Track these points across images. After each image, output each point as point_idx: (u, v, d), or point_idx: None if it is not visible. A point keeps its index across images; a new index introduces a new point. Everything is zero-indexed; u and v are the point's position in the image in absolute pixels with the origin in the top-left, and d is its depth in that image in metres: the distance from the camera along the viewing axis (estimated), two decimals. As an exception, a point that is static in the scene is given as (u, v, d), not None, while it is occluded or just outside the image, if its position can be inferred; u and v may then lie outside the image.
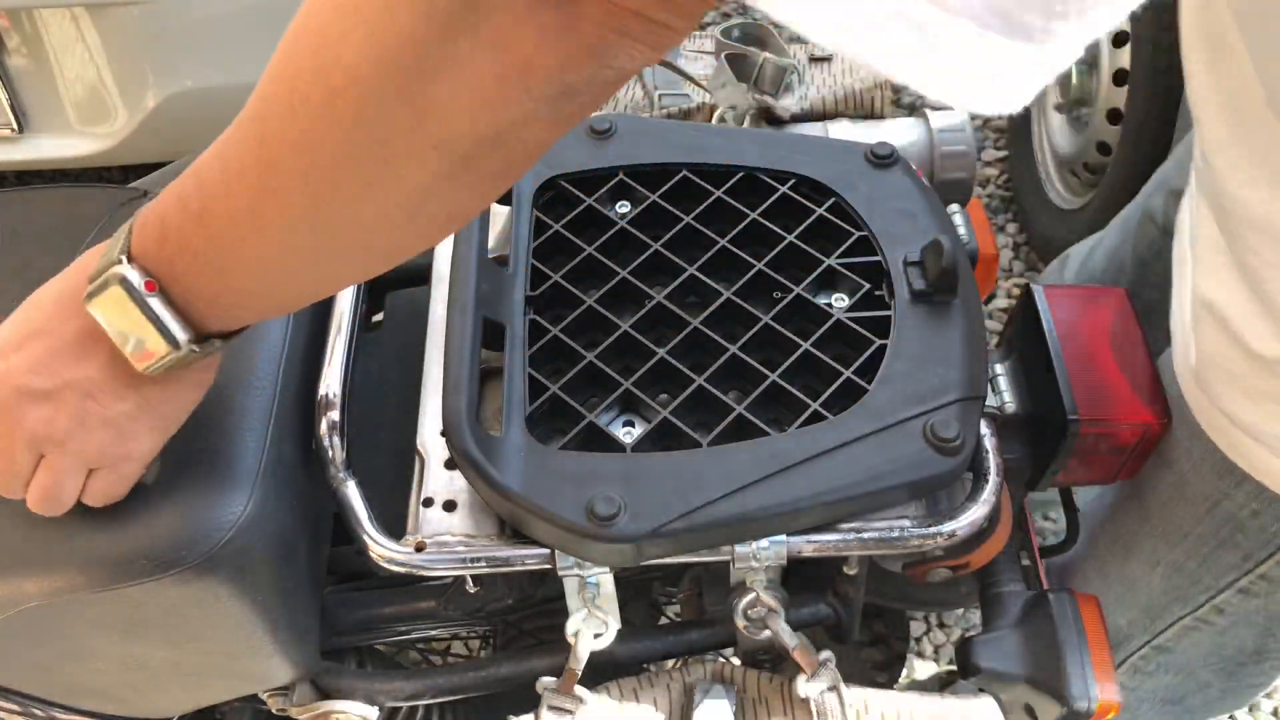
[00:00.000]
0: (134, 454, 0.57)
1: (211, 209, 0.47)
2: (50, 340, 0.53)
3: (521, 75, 0.39)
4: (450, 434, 0.61)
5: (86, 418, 0.54)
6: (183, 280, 0.50)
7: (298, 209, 0.46)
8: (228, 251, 0.49)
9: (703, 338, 0.69)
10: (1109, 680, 0.70)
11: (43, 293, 0.55)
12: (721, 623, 0.77)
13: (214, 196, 0.47)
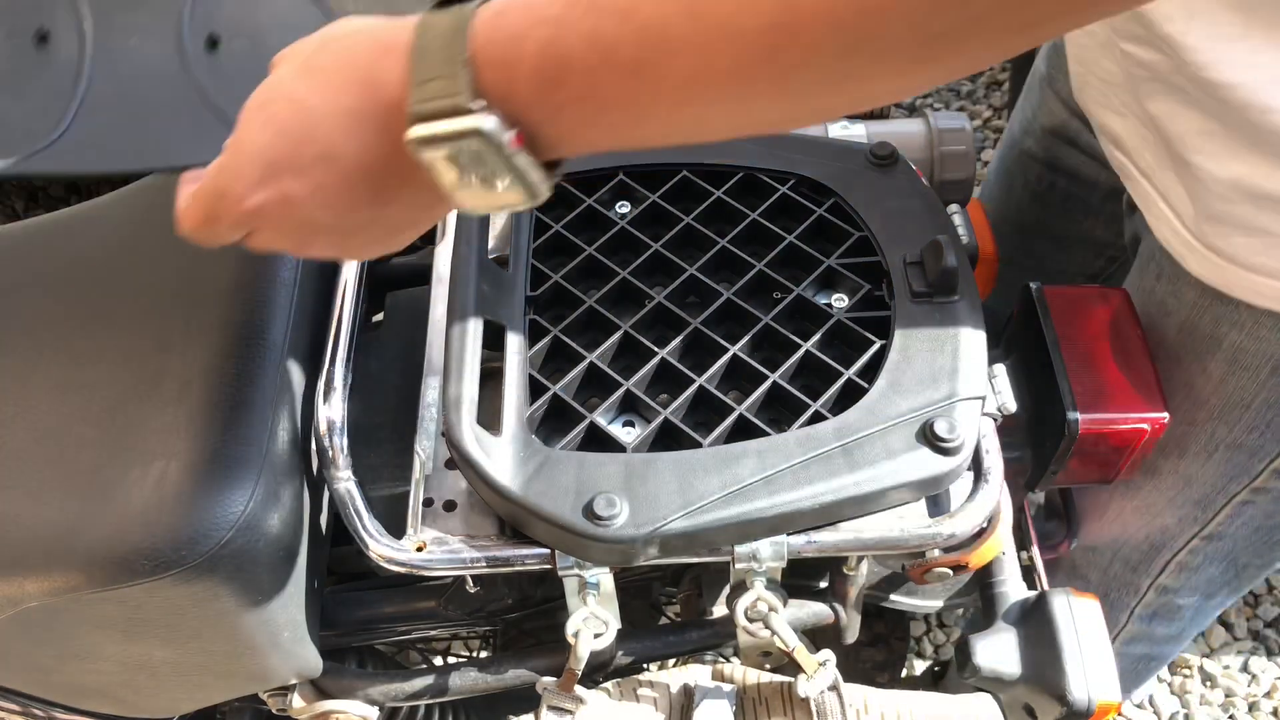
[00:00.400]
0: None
1: (658, 63, 0.39)
2: (342, 170, 0.46)
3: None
4: (450, 434, 0.61)
5: (324, 232, 0.48)
6: (563, 128, 0.42)
7: (804, 69, 0.37)
8: (663, 111, 0.41)
9: (703, 338, 0.69)
10: (1109, 680, 0.70)
11: (322, 96, 0.45)
12: (721, 623, 0.77)
13: (667, 49, 0.38)
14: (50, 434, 0.65)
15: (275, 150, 0.46)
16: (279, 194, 0.46)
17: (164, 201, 0.79)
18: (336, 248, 0.51)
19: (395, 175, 0.45)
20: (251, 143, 0.46)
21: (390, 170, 0.45)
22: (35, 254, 0.78)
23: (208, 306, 0.69)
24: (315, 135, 0.45)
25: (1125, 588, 0.96)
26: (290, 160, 0.46)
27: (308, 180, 0.46)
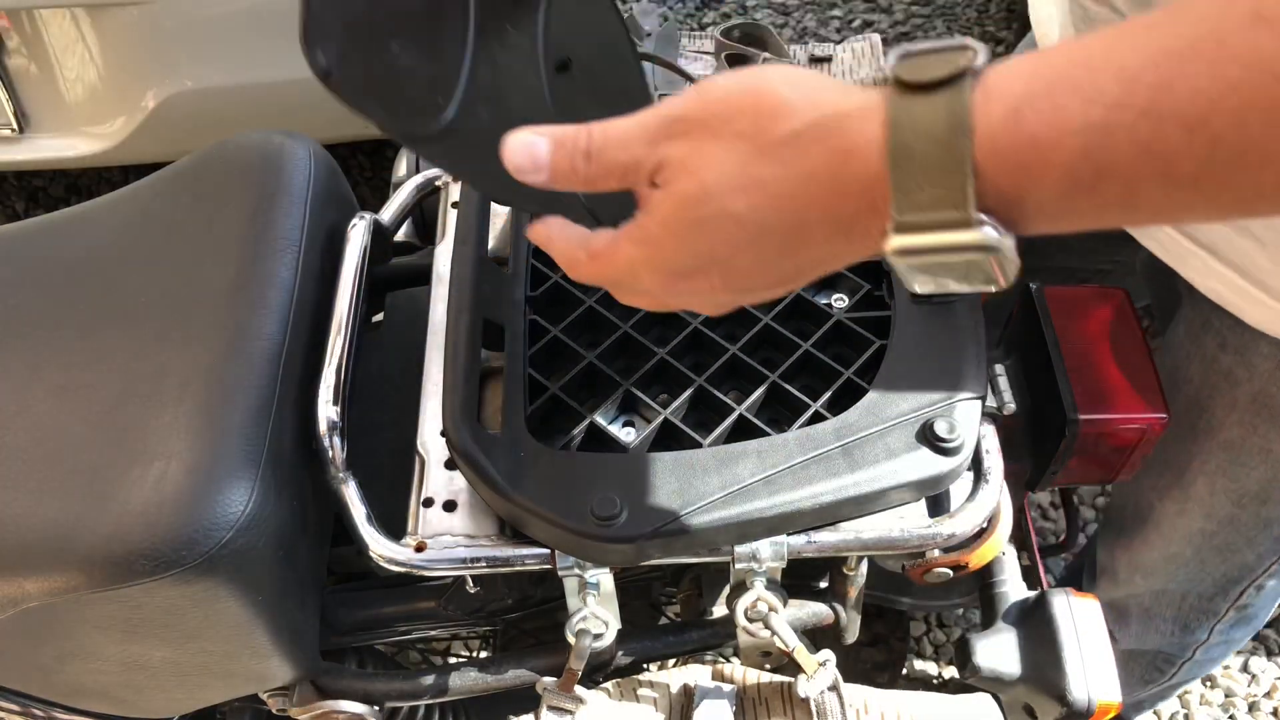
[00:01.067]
0: None
1: (1227, 177, 0.34)
2: (779, 269, 0.43)
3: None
4: (450, 434, 0.61)
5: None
6: (1052, 221, 0.38)
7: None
8: (1188, 213, 0.37)
9: (703, 338, 0.69)
10: (1109, 680, 0.70)
11: (772, 215, 0.41)
12: (721, 623, 0.77)
13: (1242, 164, 0.34)
14: (50, 434, 0.65)
15: (707, 257, 0.43)
16: (700, 286, 0.45)
17: (164, 202, 0.79)
18: (724, 305, 0.48)
19: (836, 261, 0.43)
20: (682, 252, 0.43)
21: (833, 259, 0.43)
22: (35, 254, 0.78)
23: (208, 306, 0.69)
24: (759, 247, 0.42)
25: (1204, 615, 0.96)
26: (722, 263, 0.43)
27: (734, 277, 0.44)
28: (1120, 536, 0.93)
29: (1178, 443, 0.80)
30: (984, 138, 0.36)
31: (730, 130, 0.41)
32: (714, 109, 0.42)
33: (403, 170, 0.90)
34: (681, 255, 0.44)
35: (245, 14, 1.65)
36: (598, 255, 0.47)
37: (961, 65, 0.37)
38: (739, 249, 0.42)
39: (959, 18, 2.59)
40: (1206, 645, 1.01)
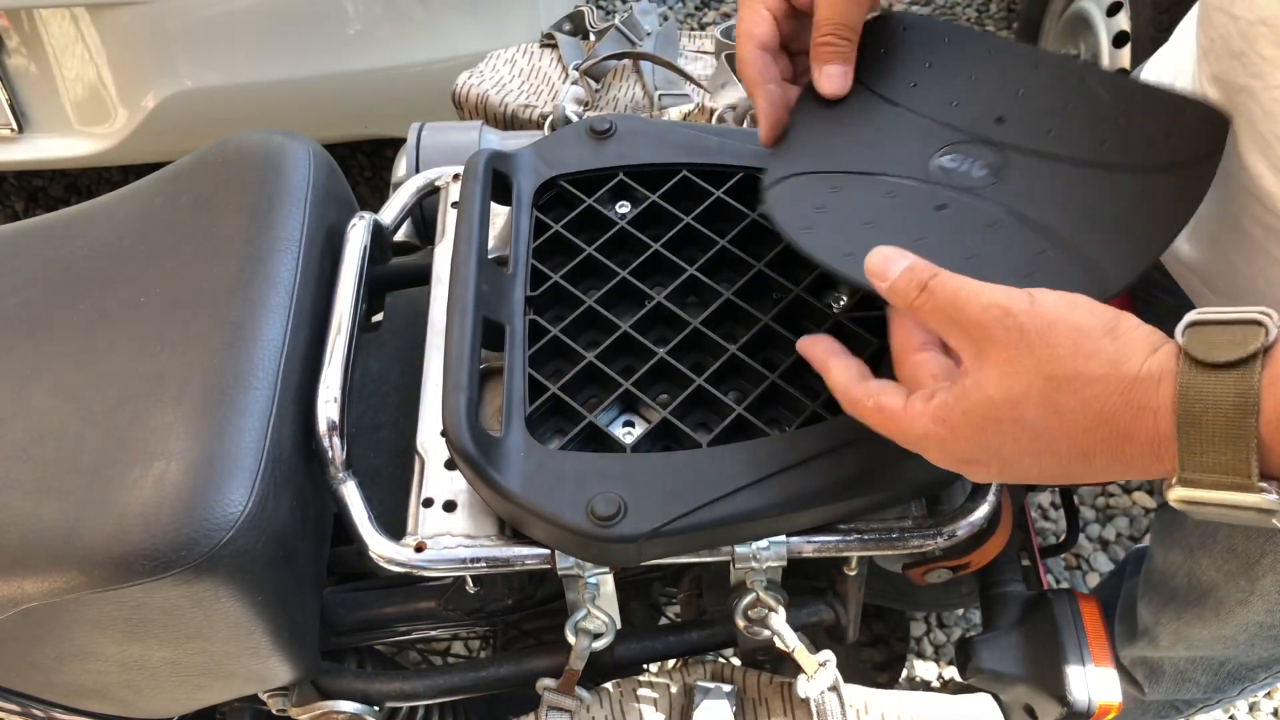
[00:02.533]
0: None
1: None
2: (1066, 472, 0.48)
3: None
4: (450, 434, 0.61)
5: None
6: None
7: None
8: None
9: (703, 338, 0.69)
10: (1109, 680, 0.70)
11: (1064, 440, 0.46)
12: (721, 623, 0.77)
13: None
14: (50, 434, 0.65)
15: (994, 451, 0.48)
16: (978, 472, 0.50)
17: (164, 202, 0.79)
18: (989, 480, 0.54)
19: (1106, 476, 0.47)
20: (971, 440, 0.48)
21: (1103, 475, 0.47)
22: (35, 254, 0.78)
23: (208, 306, 0.69)
24: (1044, 458, 0.47)
25: (1240, 679, 0.96)
26: (1005, 459, 0.48)
27: (1010, 469, 0.49)
28: (1171, 603, 0.92)
29: (1247, 535, 0.79)
30: (1269, 416, 0.40)
31: (1048, 353, 0.46)
32: (1042, 325, 0.47)
33: (402, 170, 0.90)
34: (973, 447, 0.49)
35: (245, 14, 1.65)
36: (887, 411, 0.52)
37: (1253, 348, 0.41)
38: (1024, 454, 0.48)
39: (959, 18, 2.59)
40: (1233, 698, 1.01)
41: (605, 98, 1.05)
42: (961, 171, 0.61)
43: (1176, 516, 0.89)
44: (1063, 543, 0.98)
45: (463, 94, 1.05)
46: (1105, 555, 1.70)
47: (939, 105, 0.65)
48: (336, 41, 1.70)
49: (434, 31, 1.73)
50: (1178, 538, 0.88)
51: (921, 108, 0.66)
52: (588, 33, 1.15)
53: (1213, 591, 0.85)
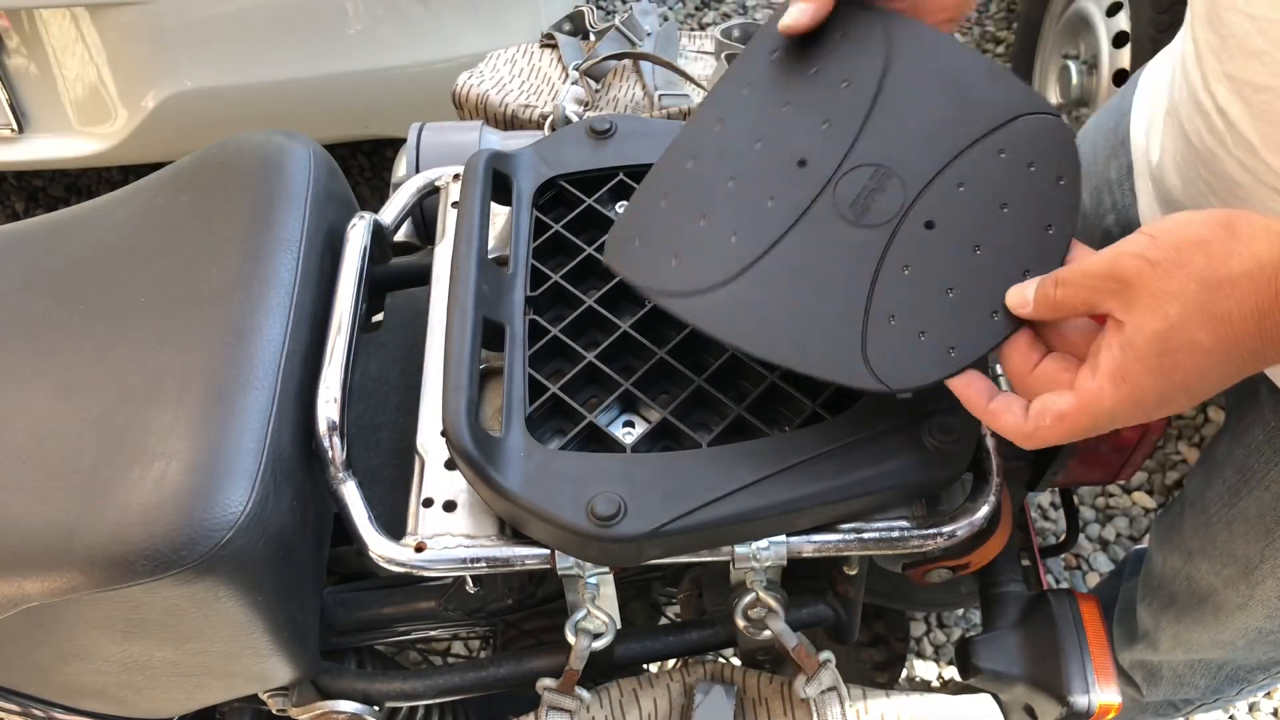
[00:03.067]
0: None
1: None
2: (1209, 389, 0.50)
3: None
4: (450, 434, 0.61)
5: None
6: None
7: None
8: None
9: (703, 338, 0.69)
10: (1109, 680, 0.70)
11: (1229, 348, 0.48)
12: (721, 623, 0.77)
13: None
14: (50, 434, 0.65)
15: (1181, 386, 0.49)
16: (1169, 410, 0.51)
17: (164, 202, 0.79)
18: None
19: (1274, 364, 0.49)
20: (1157, 383, 0.49)
21: (1272, 364, 0.49)
22: (35, 254, 0.78)
23: (208, 306, 0.69)
24: (1223, 371, 0.48)
25: (1238, 681, 0.96)
26: (1190, 388, 0.49)
27: (1196, 396, 0.50)
28: (1170, 607, 0.92)
29: (1247, 540, 0.79)
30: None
31: (1185, 270, 0.47)
32: (1168, 249, 0.48)
33: (402, 170, 0.90)
34: (1159, 388, 0.49)
35: (245, 14, 1.65)
36: (1068, 415, 0.52)
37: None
38: (1206, 376, 0.48)
39: (959, 18, 2.59)
40: (1232, 698, 1.01)
41: (605, 98, 1.05)
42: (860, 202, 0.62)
43: (1175, 520, 0.89)
44: (1063, 543, 0.98)
45: (463, 94, 1.05)
46: (1105, 555, 1.70)
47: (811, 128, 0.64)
48: (336, 41, 1.70)
49: (434, 31, 1.73)
50: (1177, 542, 0.88)
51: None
52: (588, 33, 1.15)
53: (1212, 596, 0.85)
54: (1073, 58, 1.85)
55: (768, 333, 0.58)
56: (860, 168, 0.62)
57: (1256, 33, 0.57)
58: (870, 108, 0.64)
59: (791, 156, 0.63)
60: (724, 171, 0.63)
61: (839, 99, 0.65)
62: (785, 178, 0.62)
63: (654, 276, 0.60)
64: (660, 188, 0.63)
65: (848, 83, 0.65)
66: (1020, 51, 2.06)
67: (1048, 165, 0.62)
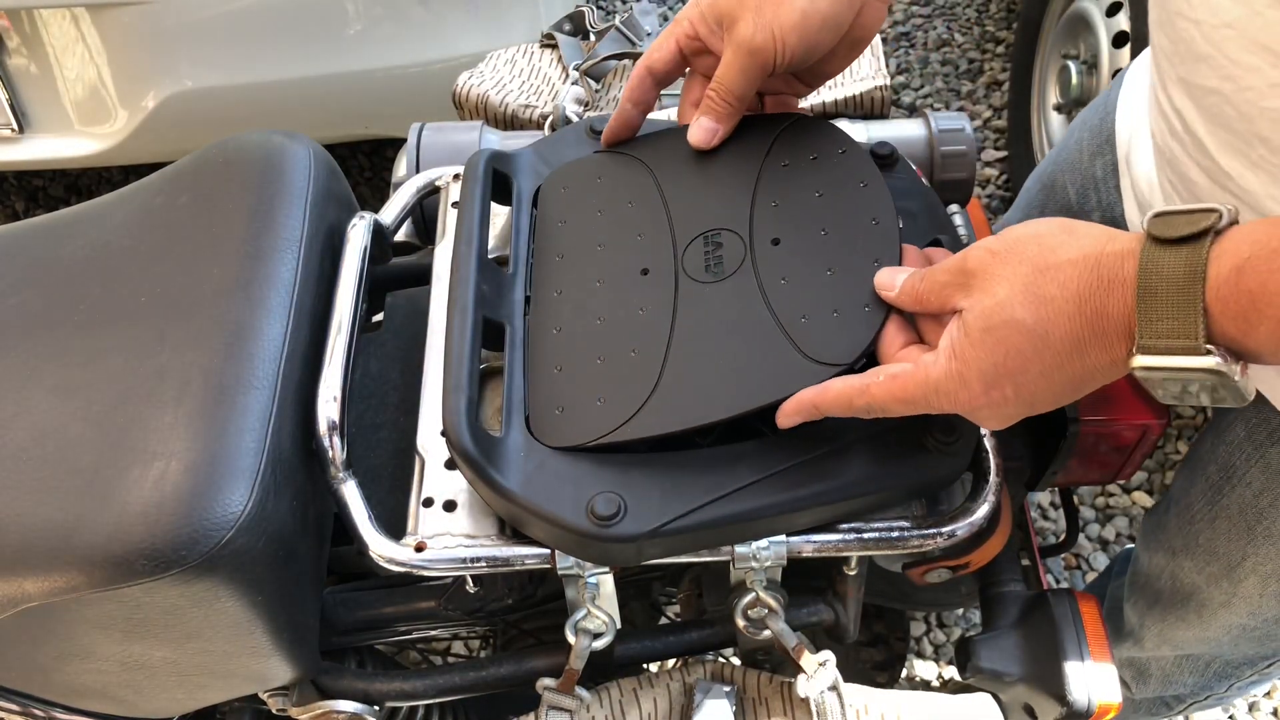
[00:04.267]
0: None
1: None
2: (1057, 380, 0.51)
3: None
4: (450, 434, 0.61)
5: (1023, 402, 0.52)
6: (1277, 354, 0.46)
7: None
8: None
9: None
10: (1108, 680, 0.70)
11: (1052, 325, 0.49)
12: (721, 623, 0.77)
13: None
14: (50, 434, 0.65)
15: (1003, 368, 0.51)
16: (996, 398, 0.52)
17: (164, 202, 0.79)
18: (1012, 418, 0.55)
19: (1101, 375, 0.51)
20: (981, 361, 0.51)
21: (1099, 373, 0.50)
22: (35, 254, 0.78)
23: (208, 306, 0.69)
24: (1044, 357, 0.50)
25: (1226, 677, 0.96)
26: (1014, 374, 0.51)
27: (1023, 388, 0.51)
28: (1155, 606, 0.92)
29: (1229, 538, 0.79)
30: (1213, 288, 0.45)
31: (1018, 256, 0.51)
32: (1009, 242, 0.52)
33: (402, 170, 0.90)
34: (983, 366, 0.51)
35: (245, 14, 1.65)
36: (900, 375, 0.54)
37: (1204, 226, 0.46)
38: (1027, 360, 0.50)
39: (959, 18, 2.59)
40: (1222, 695, 1.01)
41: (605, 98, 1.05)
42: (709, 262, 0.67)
43: (1160, 518, 0.89)
44: (1062, 542, 0.98)
45: (463, 94, 1.05)
46: (1105, 555, 1.70)
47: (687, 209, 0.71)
48: (336, 41, 1.70)
49: (434, 31, 1.73)
50: (1161, 540, 0.88)
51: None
52: (588, 33, 1.15)
53: (1195, 594, 0.85)
54: (1073, 58, 1.86)
55: (721, 396, 0.60)
56: (691, 243, 0.68)
57: (1201, 38, 0.59)
58: (665, 206, 0.71)
59: (634, 272, 0.68)
60: (588, 319, 0.67)
61: (636, 215, 0.71)
62: (641, 288, 0.67)
63: (593, 428, 0.62)
64: (546, 361, 0.67)
65: (632, 202, 0.72)
66: (1020, 51, 2.07)
67: (823, 149, 0.69)
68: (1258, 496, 0.75)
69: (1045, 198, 0.95)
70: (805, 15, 0.64)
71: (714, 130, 0.71)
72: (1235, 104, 0.58)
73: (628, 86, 0.73)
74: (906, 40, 2.55)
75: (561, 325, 0.68)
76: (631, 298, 0.67)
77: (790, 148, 0.70)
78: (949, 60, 2.49)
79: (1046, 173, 0.97)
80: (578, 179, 0.77)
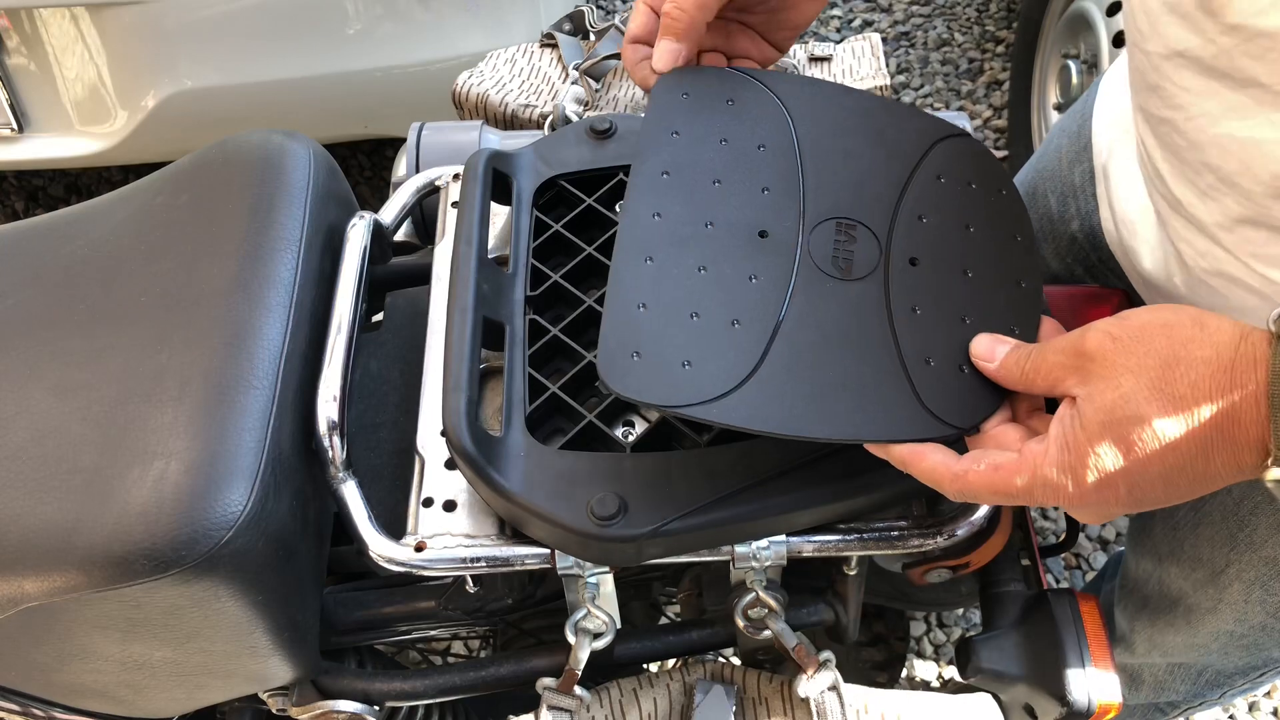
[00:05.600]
0: None
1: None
2: (1177, 485, 0.48)
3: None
4: (450, 433, 0.61)
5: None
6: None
7: None
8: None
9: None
10: (1109, 680, 0.70)
11: (1179, 428, 0.46)
12: (721, 623, 0.77)
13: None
14: (50, 434, 0.65)
15: (1122, 471, 0.47)
16: (1107, 496, 0.49)
17: (164, 201, 0.79)
18: (1113, 515, 0.53)
19: (1223, 481, 0.48)
20: (1098, 457, 0.48)
21: (1220, 478, 0.47)
22: (35, 254, 0.78)
23: (208, 306, 0.69)
24: (1166, 459, 0.47)
25: (1218, 686, 0.96)
26: (1131, 474, 0.48)
27: (1138, 488, 0.48)
28: (1143, 611, 0.92)
29: (1213, 544, 0.79)
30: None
31: (1145, 348, 0.48)
32: (1133, 330, 0.48)
33: (402, 170, 0.90)
34: (1100, 464, 0.47)
35: (245, 14, 1.65)
36: (1004, 467, 0.50)
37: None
38: (1149, 460, 0.47)
39: (959, 17, 2.59)
40: (1215, 701, 1.01)
41: (605, 98, 1.05)
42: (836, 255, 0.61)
43: (1146, 523, 0.89)
44: (1063, 542, 0.98)
45: (463, 94, 1.05)
46: (1105, 555, 1.70)
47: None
48: (336, 41, 1.70)
49: (434, 31, 1.73)
50: (1148, 545, 0.88)
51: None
52: (588, 32, 1.15)
53: (1182, 599, 0.85)
54: (1073, 57, 1.85)
55: (820, 412, 0.54)
56: (821, 225, 0.61)
57: (1150, 68, 0.58)
58: (799, 168, 0.63)
59: (750, 230, 0.61)
60: (689, 262, 0.59)
61: (765, 164, 0.64)
62: (755, 253, 0.60)
63: (671, 392, 0.54)
64: (629, 294, 0.58)
65: (764, 147, 0.64)
66: (1020, 51, 2.06)
67: (984, 181, 0.63)
68: (1238, 504, 0.75)
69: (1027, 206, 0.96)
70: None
71: (677, 51, 0.66)
72: (1184, 132, 0.57)
73: (625, 64, 0.71)
74: (906, 40, 2.55)
75: (655, 255, 0.59)
76: (744, 259, 0.60)
77: (948, 163, 0.64)
78: (949, 60, 2.49)
79: (1028, 180, 0.97)
80: (703, 89, 0.67)
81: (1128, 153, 0.76)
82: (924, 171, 0.63)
